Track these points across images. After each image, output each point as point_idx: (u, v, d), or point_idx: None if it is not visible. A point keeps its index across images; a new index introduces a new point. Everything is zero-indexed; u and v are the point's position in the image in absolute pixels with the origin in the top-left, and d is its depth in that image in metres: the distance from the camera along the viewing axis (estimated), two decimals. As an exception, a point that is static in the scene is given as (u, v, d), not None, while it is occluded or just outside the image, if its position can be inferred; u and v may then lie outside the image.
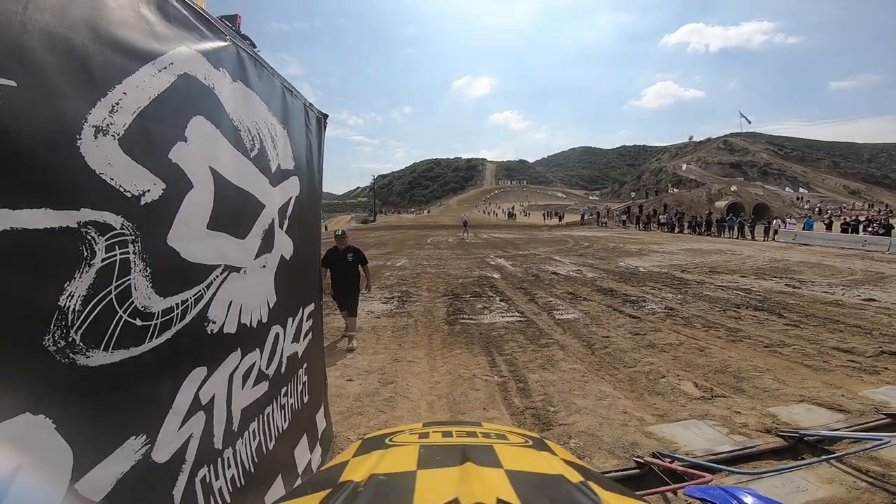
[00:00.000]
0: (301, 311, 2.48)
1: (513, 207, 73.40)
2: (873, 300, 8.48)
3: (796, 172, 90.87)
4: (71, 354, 0.93)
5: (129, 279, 1.07)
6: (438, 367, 5.16)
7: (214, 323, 1.49)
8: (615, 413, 3.86)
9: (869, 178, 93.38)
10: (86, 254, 0.95)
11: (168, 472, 1.24)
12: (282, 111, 2.13)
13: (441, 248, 22.29)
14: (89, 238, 0.96)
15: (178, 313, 1.27)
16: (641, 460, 2.83)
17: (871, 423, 3.44)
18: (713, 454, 3.05)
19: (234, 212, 1.62)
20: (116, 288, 1.04)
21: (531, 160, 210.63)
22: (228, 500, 1.53)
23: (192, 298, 1.35)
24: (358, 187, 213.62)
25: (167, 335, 1.22)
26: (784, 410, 3.85)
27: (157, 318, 1.18)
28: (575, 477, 0.64)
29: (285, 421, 2.13)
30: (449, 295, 9.58)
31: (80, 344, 0.95)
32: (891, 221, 21.50)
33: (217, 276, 1.49)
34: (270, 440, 1.94)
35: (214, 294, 1.48)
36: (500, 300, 8.99)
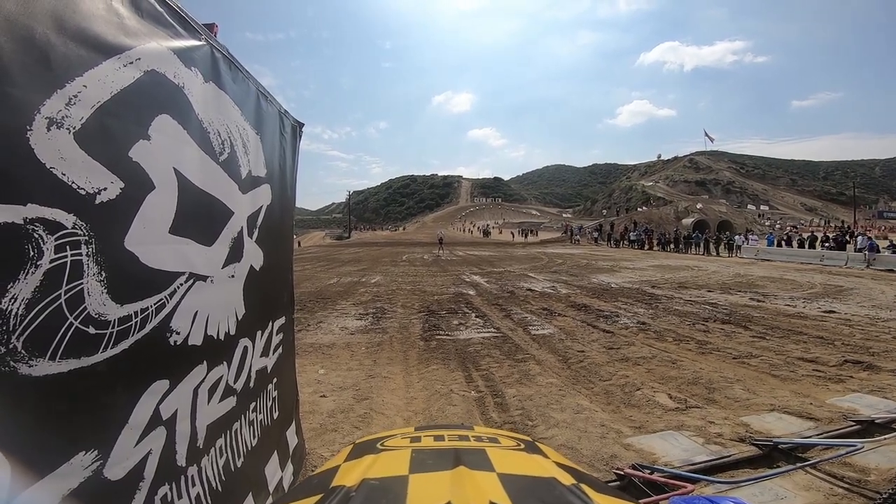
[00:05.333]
0: (271, 324, 2.39)
1: (488, 225, 74.04)
2: (833, 312, 8.83)
3: (757, 190, 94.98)
4: (12, 363, 0.85)
5: (82, 283, 0.99)
6: (415, 383, 5.06)
7: (178, 334, 1.40)
8: (593, 426, 3.85)
9: (825, 196, 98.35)
10: (32, 253, 0.87)
11: (123, 490, 1.14)
12: (255, 116, 2.08)
13: (416, 265, 22.20)
14: (36, 236, 0.88)
15: (136, 322, 1.19)
16: (621, 472, 2.81)
17: (843, 430, 3.53)
18: (691, 464, 3.06)
19: (200, 217, 1.54)
20: (67, 292, 0.96)
21: (506, 178, 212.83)
22: (193, 522, 1.43)
23: (154, 307, 1.26)
24: (333, 203, 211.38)
25: (124, 345, 1.14)
26: (756, 419, 3.91)
27: (112, 327, 1.10)
28: (567, 479, 0.64)
29: (254, 437, 2.03)
30: (424, 311, 9.50)
31: (23, 352, 0.87)
32: (847, 237, 22.59)
33: (181, 285, 1.41)
34: (239, 457, 1.83)
35: (178, 303, 1.39)
36: (476, 316, 8.96)
